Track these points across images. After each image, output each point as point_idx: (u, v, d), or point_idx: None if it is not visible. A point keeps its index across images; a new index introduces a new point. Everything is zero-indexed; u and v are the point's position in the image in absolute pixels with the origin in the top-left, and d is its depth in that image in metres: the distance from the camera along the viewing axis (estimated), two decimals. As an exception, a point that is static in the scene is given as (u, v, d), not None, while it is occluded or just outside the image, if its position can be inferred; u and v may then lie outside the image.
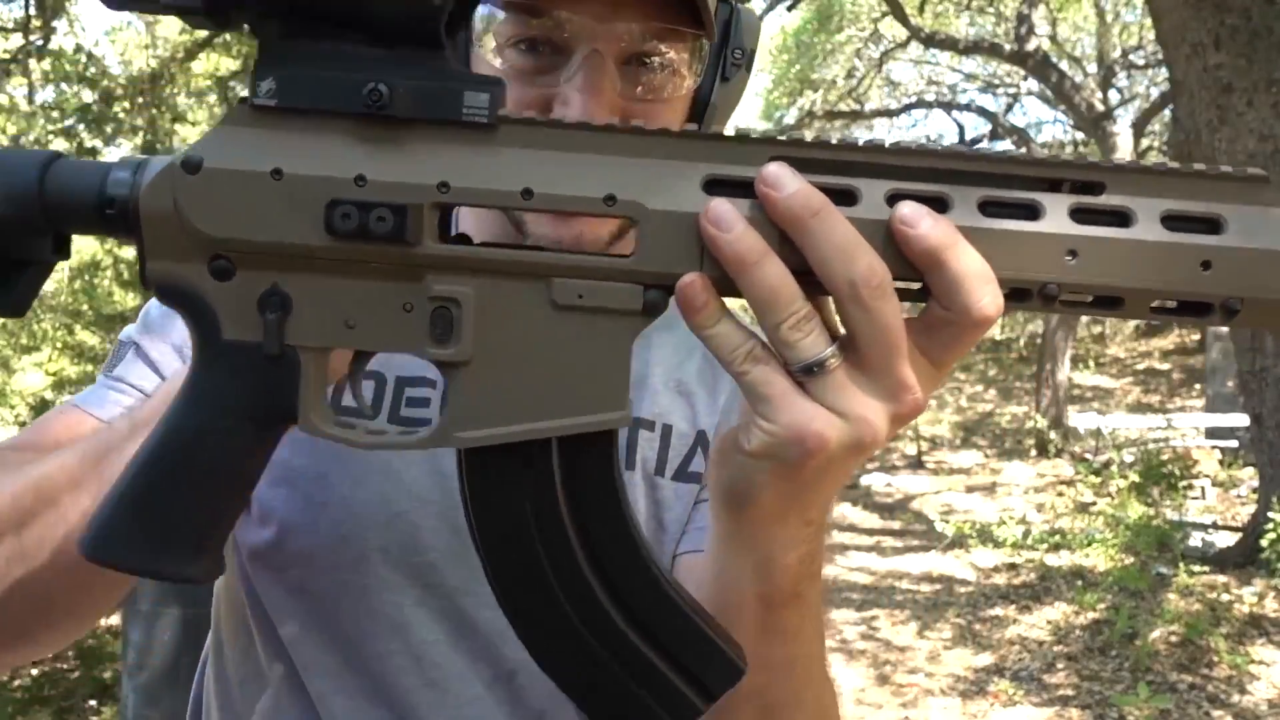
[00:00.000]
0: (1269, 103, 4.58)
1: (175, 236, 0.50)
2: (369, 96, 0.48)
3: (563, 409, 0.51)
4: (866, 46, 12.93)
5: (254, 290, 0.51)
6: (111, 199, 0.51)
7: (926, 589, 6.26)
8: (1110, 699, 4.31)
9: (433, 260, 0.50)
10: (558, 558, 0.53)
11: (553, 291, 0.50)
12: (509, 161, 0.49)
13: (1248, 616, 4.96)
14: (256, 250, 0.50)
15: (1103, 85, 12.67)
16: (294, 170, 0.49)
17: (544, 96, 0.73)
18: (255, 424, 0.53)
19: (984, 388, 15.47)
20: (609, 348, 0.50)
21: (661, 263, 0.49)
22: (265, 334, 0.51)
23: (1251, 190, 0.49)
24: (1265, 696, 4.26)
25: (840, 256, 0.47)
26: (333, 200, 0.48)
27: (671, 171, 0.49)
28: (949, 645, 5.17)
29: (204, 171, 0.49)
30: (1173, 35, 4.85)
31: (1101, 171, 0.49)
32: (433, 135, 0.49)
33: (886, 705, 4.48)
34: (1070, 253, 0.48)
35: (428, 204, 0.49)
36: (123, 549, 0.54)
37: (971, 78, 14.87)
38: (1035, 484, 9.77)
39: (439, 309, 0.50)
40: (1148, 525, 6.44)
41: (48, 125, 8.40)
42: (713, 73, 0.81)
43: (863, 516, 8.44)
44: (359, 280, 0.50)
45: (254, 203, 0.49)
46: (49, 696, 4.00)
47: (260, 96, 0.49)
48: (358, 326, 0.51)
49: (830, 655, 4.98)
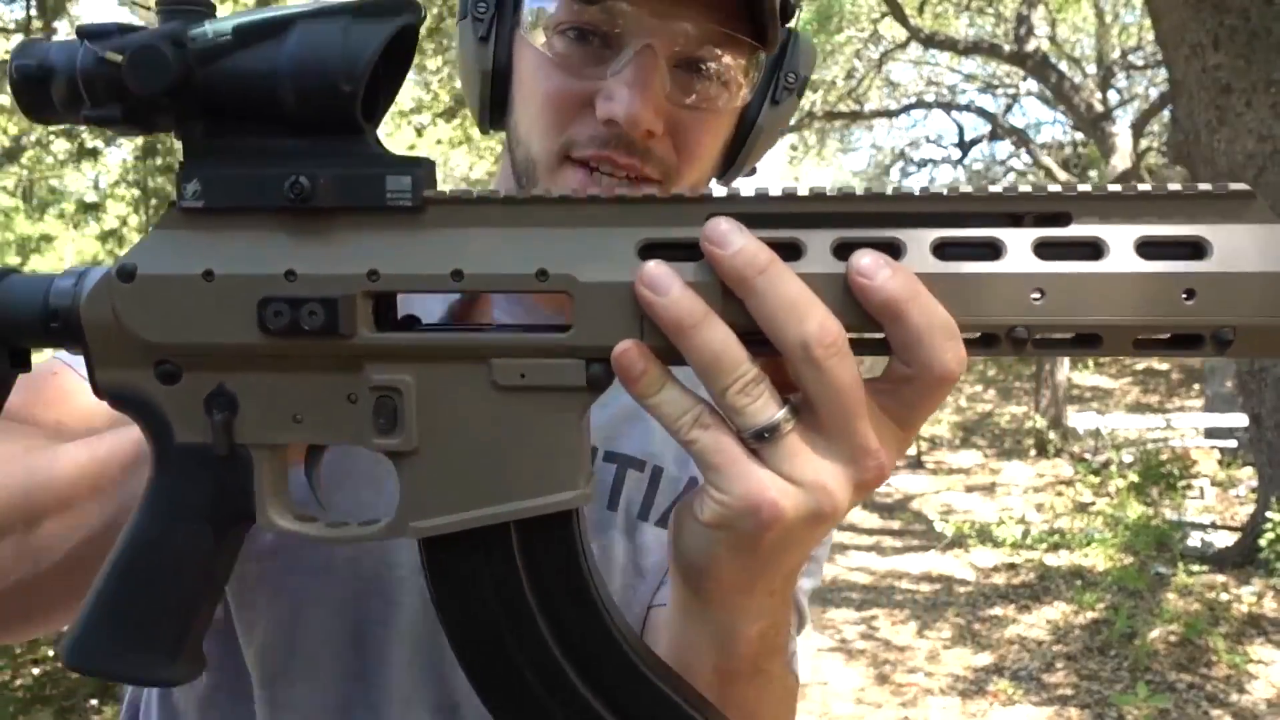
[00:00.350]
0: (1268, 103, 4.58)
1: (119, 345, 0.50)
2: (291, 189, 0.48)
3: (517, 492, 0.49)
4: (866, 47, 12.93)
5: (201, 391, 0.51)
6: (55, 311, 0.51)
7: (926, 589, 6.26)
8: (1109, 698, 4.32)
9: (369, 350, 0.49)
10: (526, 643, 0.51)
11: (494, 373, 0.49)
12: (437, 243, 0.48)
13: (1246, 616, 4.97)
14: (197, 352, 0.50)
15: (1102, 86, 12.66)
16: (225, 270, 0.49)
17: (585, 90, 0.70)
18: (215, 525, 0.53)
19: (983, 388, 15.47)
20: (558, 425, 0.49)
21: (601, 335, 0.47)
22: (214, 435, 0.50)
23: (1236, 208, 0.44)
24: (1264, 696, 4.26)
25: (790, 315, 0.44)
26: (263, 299, 0.48)
27: (605, 239, 0.47)
28: (948, 645, 5.18)
29: (138, 279, 0.49)
30: (1172, 36, 4.86)
31: (1065, 201, 0.45)
32: (359, 223, 0.49)
33: (886, 705, 4.49)
34: (1037, 291, 0.44)
35: (359, 293, 0.48)
36: (102, 657, 0.54)
37: (971, 78, 14.86)
38: (1034, 484, 9.78)
39: (381, 398, 0.49)
40: (1147, 525, 6.44)
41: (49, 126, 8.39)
42: (763, 93, 0.77)
43: (862, 516, 8.44)
44: (301, 374, 0.50)
45: (189, 306, 0.49)
46: (50, 696, 4.00)
47: (187, 199, 0.49)
48: (305, 421, 0.51)
49: (830, 655, 4.94)
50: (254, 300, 0.48)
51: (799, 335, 0.44)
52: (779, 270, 0.45)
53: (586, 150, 0.71)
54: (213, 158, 0.49)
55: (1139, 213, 0.45)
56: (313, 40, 0.47)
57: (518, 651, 0.51)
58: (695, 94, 0.72)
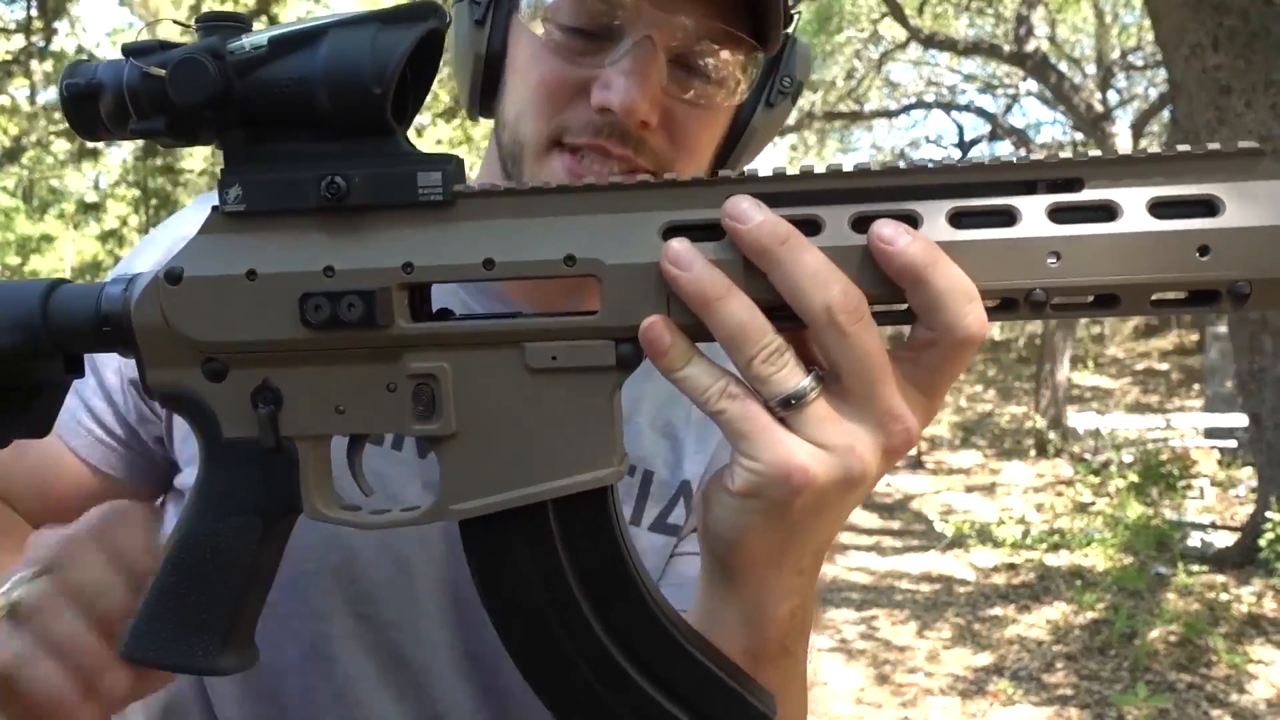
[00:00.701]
0: (1267, 104, 4.59)
1: (168, 345, 0.52)
2: (327, 190, 0.50)
3: (553, 471, 0.51)
4: (866, 47, 12.93)
5: (247, 387, 0.53)
6: (106, 316, 0.53)
7: (926, 589, 6.26)
8: (1109, 698, 4.32)
9: (407, 339, 0.51)
10: (569, 621, 0.53)
11: (527, 356, 0.50)
12: (468, 235, 0.50)
13: (1246, 616, 4.97)
14: (243, 349, 0.52)
15: (1102, 86, 12.67)
16: (267, 269, 0.51)
17: (581, 77, 0.70)
18: (264, 517, 0.55)
19: (983, 388, 15.47)
20: (591, 405, 0.51)
21: (628, 315, 0.49)
22: (260, 429, 0.53)
23: (1246, 165, 0.45)
24: (1264, 696, 4.27)
25: (813, 283, 0.46)
26: (304, 294, 0.50)
27: (630, 223, 0.49)
28: (948, 645, 5.18)
29: (185, 281, 0.52)
30: (1171, 36, 4.86)
31: (1077, 166, 0.47)
32: (393, 219, 0.51)
33: (886, 705, 4.49)
34: (1053, 254, 0.46)
35: (395, 286, 0.50)
36: (158, 648, 0.56)
37: (971, 78, 14.86)
38: (1034, 484, 9.78)
39: (419, 386, 0.51)
40: (1146, 525, 6.44)
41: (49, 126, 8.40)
42: (758, 95, 0.77)
43: (862, 516, 8.44)
44: (342, 366, 0.52)
45: (234, 305, 0.51)
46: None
47: (229, 203, 0.52)
48: (347, 411, 0.53)
49: (830, 655, 4.93)
50: (295, 296, 0.51)
51: (823, 302, 0.45)
52: (799, 241, 0.46)
53: (579, 137, 0.71)
54: (252, 163, 0.52)
55: (1150, 174, 0.46)
56: (344, 47, 0.50)
57: (563, 633, 0.53)
58: (692, 89, 0.72)
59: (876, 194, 0.48)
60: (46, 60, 7.88)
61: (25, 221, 13.28)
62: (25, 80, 8.04)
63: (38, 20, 7.32)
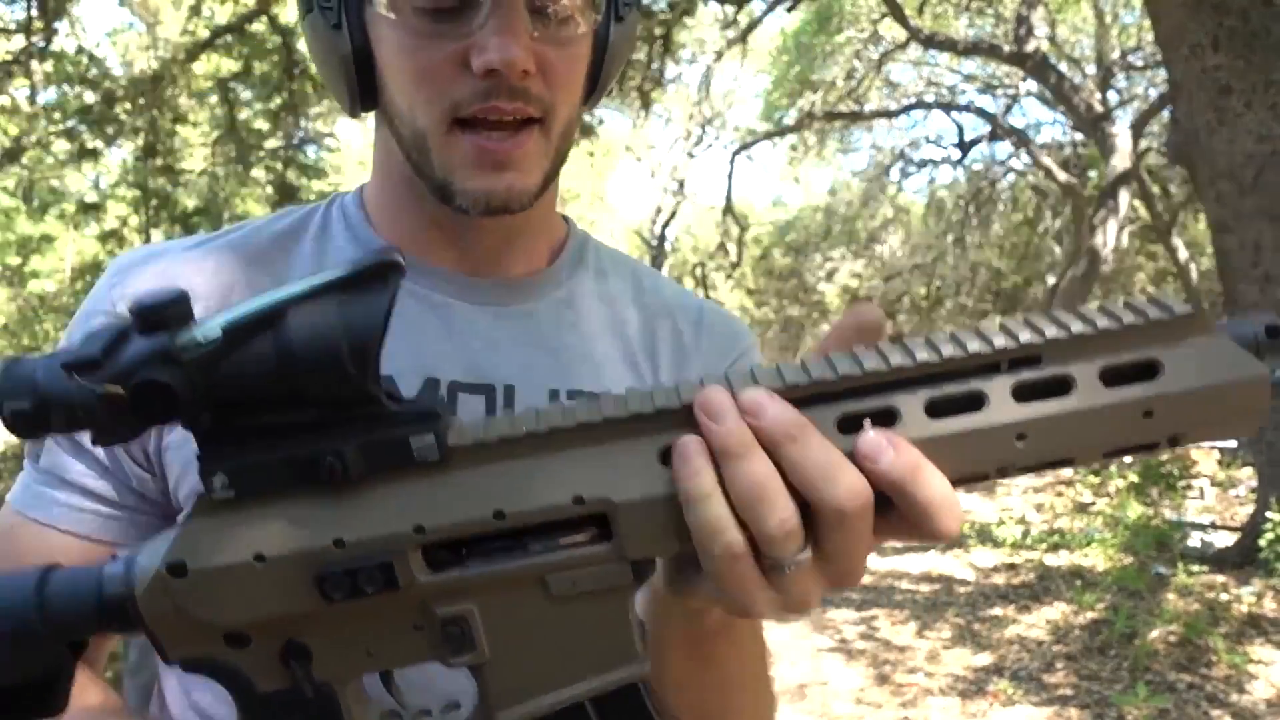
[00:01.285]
0: (1267, 104, 4.59)
1: (184, 628, 0.51)
2: (328, 470, 0.48)
3: (586, 672, 0.53)
4: (866, 47, 12.94)
5: (273, 648, 0.52)
6: (110, 600, 0.51)
7: (926, 589, 6.27)
8: (1109, 698, 4.32)
9: (429, 592, 0.51)
10: None
11: (549, 588, 0.52)
12: (470, 486, 0.50)
13: (1246, 616, 4.97)
14: (265, 623, 0.51)
15: (1101, 86, 12.68)
16: (275, 551, 0.50)
17: (454, 51, 0.72)
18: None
19: (983, 388, 15.45)
20: (612, 614, 0.52)
21: (642, 546, 0.51)
22: (296, 680, 0.52)
23: (1183, 328, 0.49)
24: (1263, 696, 4.27)
25: (824, 479, 0.47)
26: (319, 575, 0.49)
27: (627, 454, 0.51)
28: (948, 645, 5.18)
29: (191, 574, 0.50)
30: (1171, 37, 4.87)
31: (1035, 344, 0.50)
32: (392, 482, 0.50)
33: (886, 705, 4.49)
34: (1020, 436, 0.49)
35: (409, 549, 0.50)
36: None
37: (971, 79, 14.88)
38: (1034, 484, 9.78)
39: (448, 626, 0.52)
40: (1146, 525, 6.45)
41: (50, 126, 8.40)
42: (608, 14, 0.81)
43: (862, 517, 8.42)
44: (368, 620, 0.52)
45: (248, 588, 0.50)
46: None
47: (218, 492, 0.49)
48: (377, 654, 0.53)
49: (830, 655, 4.92)
50: (310, 572, 0.50)
51: (834, 499, 0.47)
52: (810, 434, 0.48)
53: (471, 107, 0.73)
54: (229, 444, 0.49)
55: (1100, 347, 0.50)
56: (312, 330, 0.46)
57: None
58: (552, 28, 0.75)
59: (858, 391, 0.50)
60: (47, 60, 7.89)
61: (25, 221, 13.28)
62: (25, 80, 8.05)
63: (38, 20, 7.32)
